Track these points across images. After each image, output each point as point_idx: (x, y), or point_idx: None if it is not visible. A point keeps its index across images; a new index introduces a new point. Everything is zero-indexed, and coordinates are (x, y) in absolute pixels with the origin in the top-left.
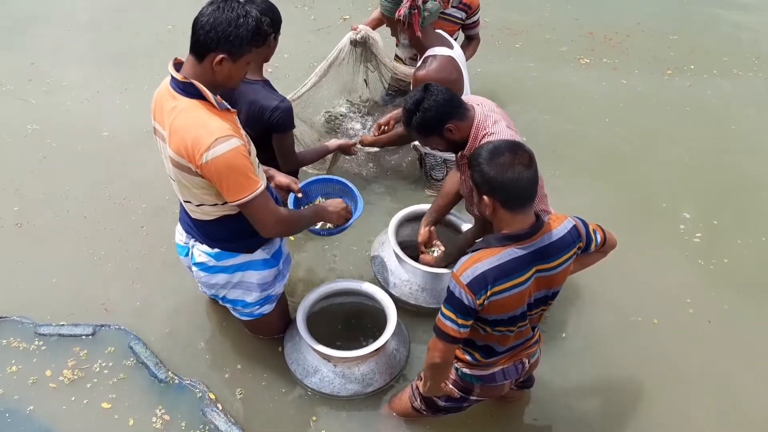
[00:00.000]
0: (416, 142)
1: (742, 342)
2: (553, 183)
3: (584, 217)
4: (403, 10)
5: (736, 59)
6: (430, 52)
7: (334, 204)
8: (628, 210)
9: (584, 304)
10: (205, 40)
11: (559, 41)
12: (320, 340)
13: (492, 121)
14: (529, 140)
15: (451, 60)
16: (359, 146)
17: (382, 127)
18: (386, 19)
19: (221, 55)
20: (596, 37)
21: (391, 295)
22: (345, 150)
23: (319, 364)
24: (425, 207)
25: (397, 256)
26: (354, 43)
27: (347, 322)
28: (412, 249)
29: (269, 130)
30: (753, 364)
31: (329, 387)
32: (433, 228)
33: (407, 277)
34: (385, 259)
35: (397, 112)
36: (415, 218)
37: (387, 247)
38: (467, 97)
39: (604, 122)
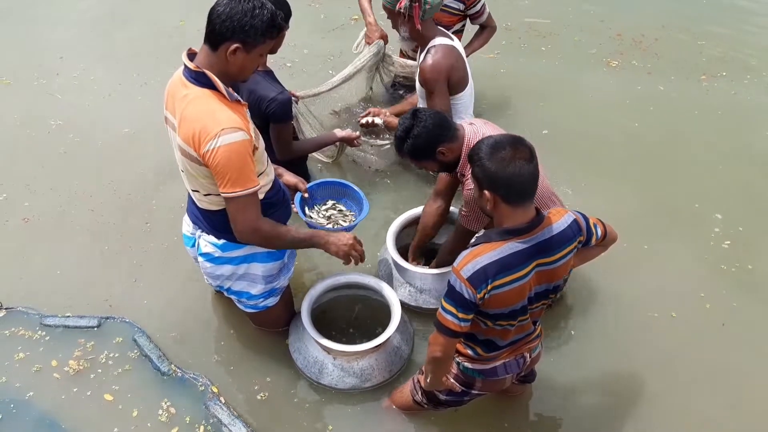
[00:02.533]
0: None
1: (758, 343)
2: (580, 184)
3: (610, 219)
4: (404, 2)
5: (764, 64)
6: (432, 43)
7: (340, 238)
8: (654, 212)
9: (595, 300)
10: (220, 29)
11: (587, 43)
12: (328, 332)
13: (481, 134)
14: (556, 141)
15: (453, 48)
16: (363, 138)
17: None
18: (387, 11)
19: (235, 45)
20: (624, 40)
21: (410, 306)
22: (348, 141)
23: (320, 355)
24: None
25: (393, 261)
26: (377, 53)
27: (356, 314)
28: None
29: (266, 120)
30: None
31: (327, 378)
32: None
33: (404, 280)
34: (386, 264)
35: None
36: (415, 222)
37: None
38: (461, 121)
39: (634, 126)
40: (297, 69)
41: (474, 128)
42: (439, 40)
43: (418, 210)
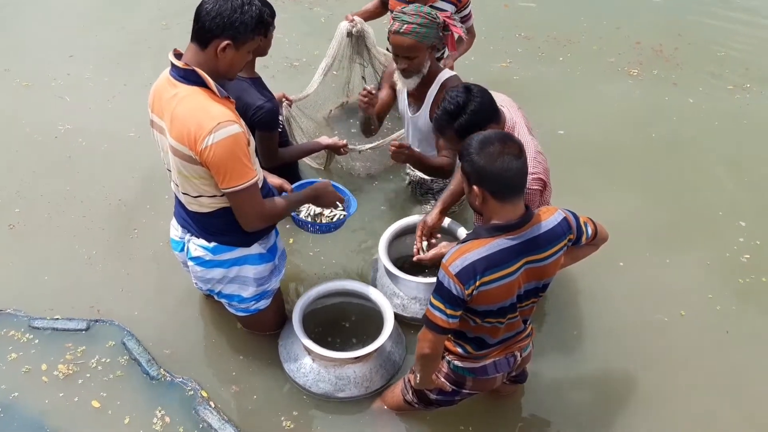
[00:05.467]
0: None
1: (761, 349)
2: (595, 191)
3: (625, 226)
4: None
5: None
6: (442, 75)
7: (325, 192)
8: (673, 220)
9: (602, 303)
10: (210, 26)
11: (607, 52)
12: (330, 334)
13: (517, 121)
14: (572, 143)
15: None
16: (351, 145)
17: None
18: (417, 49)
19: (225, 42)
20: (644, 49)
21: (404, 317)
22: (335, 149)
23: (301, 353)
24: (417, 219)
25: (391, 274)
26: (349, 34)
27: (360, 321)
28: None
29: (252, 127)
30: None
31: (303, 378)
32: (442, 216)
33: (414, 294)
34: (386, 285)
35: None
36: (408, 232)
37: (384, 273)
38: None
39: (652, 136)
40: (303, 69)
41: (510, 114)
42: (447, 72)
43: (409, 219)
